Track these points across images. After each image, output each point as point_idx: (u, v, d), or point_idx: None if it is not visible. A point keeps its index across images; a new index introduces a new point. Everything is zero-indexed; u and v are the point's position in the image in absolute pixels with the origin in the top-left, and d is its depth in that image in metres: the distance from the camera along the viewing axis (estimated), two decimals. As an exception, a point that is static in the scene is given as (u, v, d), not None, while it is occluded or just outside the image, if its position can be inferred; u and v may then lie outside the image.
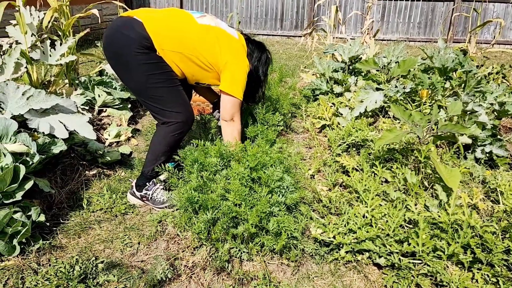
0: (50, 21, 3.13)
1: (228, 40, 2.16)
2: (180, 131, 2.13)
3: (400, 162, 2.32)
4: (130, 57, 1.97)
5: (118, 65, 2.07)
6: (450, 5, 9.06)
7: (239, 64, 2.16)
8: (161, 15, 2.09)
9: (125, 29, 1.98)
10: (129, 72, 2.03)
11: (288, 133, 3.29)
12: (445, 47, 3.48)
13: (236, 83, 2.14)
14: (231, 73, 2.13)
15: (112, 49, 2.03)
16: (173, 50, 2.03)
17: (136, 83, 2.06)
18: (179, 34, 2.05)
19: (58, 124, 2.24)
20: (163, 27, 2.02)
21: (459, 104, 2.55)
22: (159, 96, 2.05)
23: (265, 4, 9.69)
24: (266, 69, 2.47)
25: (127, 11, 2.12)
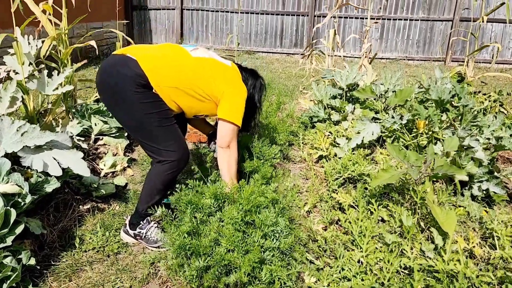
0: (48, 49, 3.13)
1: (223, 69, 2.19)
2: (175, 169, 2.12)
3: (396, 201, 2.31)
4: (126, 95, 1.96)
5: (112, 103, 2.06)
6: (449, 24, 9.12)
7: (237, 91, 2.17)
8: (155, 52, 2.09)
9: (120, 67, 1.98)
10: (124, 111, 2.02)
11: (285, 163, 3.28)
12: (442, 77, 3.48)
13: (234, 109, 2.14)
14: (229, 100, 2.14)
15: (106, 87, 2.02)
16: (169, 86, 2.02)
17: (131, 122, 2.05)
18: (174, 69, 2.05)
19: (52, 161, 2.22)
20: (157, 64, 2.02)
21: (455, 139, 2.55)
22: (154, 135, 2.04)
23: (265, 22, 9.76)
24: (261, 96, 2.48)
25: (120, 49, 2.12)
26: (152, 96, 2.00)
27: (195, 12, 9.94)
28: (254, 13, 9.72)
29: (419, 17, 9.19)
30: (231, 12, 9.75)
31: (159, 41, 10.29)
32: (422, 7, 9.14)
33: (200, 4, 9.81)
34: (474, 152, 2.59)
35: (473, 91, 4.47)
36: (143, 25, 10.26)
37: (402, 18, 9.24)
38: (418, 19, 9.21)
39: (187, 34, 10.14)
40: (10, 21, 2.96)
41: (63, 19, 3.25)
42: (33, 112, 2.88)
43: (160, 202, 2.18)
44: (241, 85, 2.22)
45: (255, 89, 2.40)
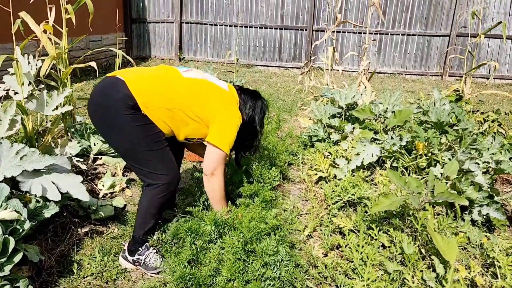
0: (48, 69, 3.13)
1: (217, 92, 2.14)
2: (165, 192, 2.08)
3: (396, 227, 2.30)
4: (115, 118, 1.94)
5: (102, 126, 2.03)
6: (446, 40, 9.20)
7: (228, 116, 2.11)
8: (145, 73, 2.07)
9: (109, 89, 1.96)
10: (114, 134, 2.00)
11: (285, 184, 3.27)
12: (440, 98, 3.50)
13: (224, 135, 2.07)
14: (220, 124, 2.08)
15: (96, 110, 2.00)
16: (158, 106, 1.98)
17: (122, 146, 2.03)
18: (164, 90, 2.01)
19: (51, 185, 2.21)
20: (146, 84, 1.99)
21: (455, 164, 2.55)
22: (145, 158, 2.02)
23: (264, 35, 9.82)
24: (262, 118, 2.40)
25: (113, 72, 2.11)
26: (141, 118, 1.96)
27: (194, 26, 10.00)
28: (253, 27, 9.79)
29: (417, 32, 9.27)
30: (230, 25, 9.81)
31: (158, 53, 10.33)
32: (420, 22, 9.23)
33: (199, 18, 9.87)
34: (474, 176, 2.59)
35: (471, 110, 4.49)
36: (142, 38, 10.30)
37: (399, 33, 9.33)
38: (415, 34, 9.29)
39: (185, 47, 10.19)
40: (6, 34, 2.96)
41: (64, 38, 3.26)
42: (32, 132, 2.87)
43: (156, 226, 2.16)
44: (235, 110, 2.16)
45: (255, 111, 2.32)
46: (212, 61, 9.88)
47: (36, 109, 2.88)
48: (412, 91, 7.86)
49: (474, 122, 4.06)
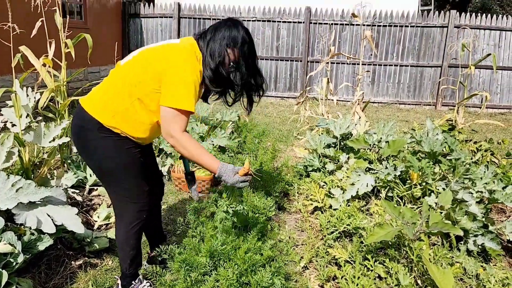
0: (46, 101, 3.18)
1: (157, 53, 1.88)
2: (138, 221, 2.04)
3: (392, 257, 2.29)
4: (86, 144, 1.91)
5: (83, 156, 2.01)
6: (438, 70, 9.40)
7: (177, 69, 1.80)
8: (98, 86, 1.97)
9: (75, 118, 1.94)
10: (88, 159, 1.97)
11: (280, 214, 3.27)
12: (433, 128, 3.56)
13: (169, 92, 1.78)
14: (165, 85, 1.80)
15: (73, 138, 1.98)
16: (119, 111, 1.85)
17: (94, 168, 1.99)
18: (112, 91, 1.88)
19: (46, 217, 2.21)
20: (97, 97, 1.90)
21: (449, 194, 2.57)
22: (114, 183, 1.97)
23: (260, 66, 9.98)
24: (245, 53, 1.95)
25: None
26: (108, 137, 1.87)
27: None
28: (249, 59, 9.97)
29: (409, 63, 9.47)
30: (227, 57, 10.00)
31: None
32: (412, 54, 9.45)
33: (196, 50, 10.08)
34: (468, 206, 2.61)
35: (464, 139, 4.55)
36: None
37: (392, 64, 9.53)
38: (408, 65, 9.49)
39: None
40: (6, 67, 3.01)
41: (63, 71, 3.33)
42: (29, 164, 2.88)
43: (138, 256, 2.13)
44: (184, 60, 1.82)
45: (220, 46, 1.90)
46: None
47: (33, 141, 2.90)
48: (406, 120, 7.96)
49: (467, 152, 4.11)
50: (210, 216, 2.82)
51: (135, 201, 2.00)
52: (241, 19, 9.67)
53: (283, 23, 9.71)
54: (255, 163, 3.54)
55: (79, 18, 8.25)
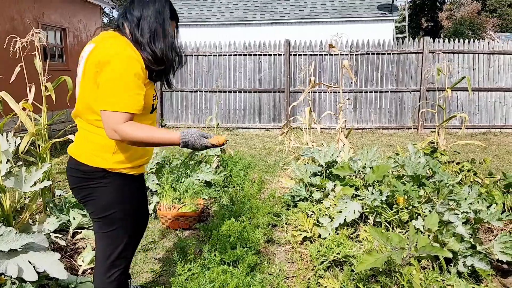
0: (27, 146, 3.15)
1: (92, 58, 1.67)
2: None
3: (383, 284, 2.27)
4: (92, 196, 1.77)
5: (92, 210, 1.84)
6: (417, 94, 9.63)
7: (111, 66, 1.59)
8: (80, 135, 1.82)
9: (72, 173, 1.81)
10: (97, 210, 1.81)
11: (270, 246, 3.22)
12: (415, 151, 3.61)
13: (106, 95, 1.58)
14: (102, 86, 1.60)
15: (76, 195, 1.86)
16: (112, 146, 1.71)
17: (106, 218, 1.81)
18: (92, 133, 1.73)
19: (27, 265, 2.14)
20: (85, 144, 1.76)
21: (435, 216, 2.58)
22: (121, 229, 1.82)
23: (243, 99, 10.12)
24: (155, 22, 1.73)
25: None
26: (114, 184, 1.75)
27: (174, 93, 10.27)
28: (232, 92, 10.10)
29: (389, 89, 9.70)
30: (210, 91, 10.11)
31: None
32: (391, 80, 9.69)
33: (179, 86, 10.17)
34: (454, 227, 2.62)
35: (447, 161, 4.62)
36: (123, 108, 10.46)
37: (373, 90, 9.75)
38: (388, 90, 9.72)
39: (167, 114, 10.37)
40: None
41: (43, 114, 3.31)
42: (9, 210, 2.82)
43: None
44: (109, 53, 1.61)
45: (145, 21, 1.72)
46: (193, 126, 10.04)
47: (14, 186, 2.85)
48: (390, 144, 8.07)
49: (450, 173, 4.17)
50: (198, 254, 2.77)
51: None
52: (223, 54, 9.88)
53: (263, 56, 9.92)
54: (242, 196, 3.52)
55: (60, 61, 8.30)
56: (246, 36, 11.56)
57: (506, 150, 7.45)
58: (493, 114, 9.62)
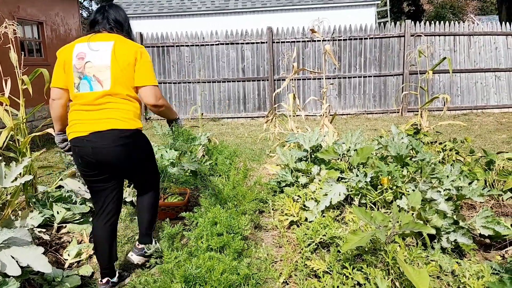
0: (6, 141, 3.08)
1: (122, 49, 2.31)
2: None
3: (369, 263, 2.30)
4: (140, 152, 2.46)
5: (138, 164, 2.47)
6: (400, 78, 9.70)
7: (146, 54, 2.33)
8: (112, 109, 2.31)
9: (117, 142, 2.27)
10: (147, 162, 2.55)
11: (257, 232, 3.24)
12: (398, 132, 3.64)
13: (149, 74, 2.31)
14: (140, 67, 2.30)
15: (125, 159, 2.40)
16: (137, 114, 2.34)
17: (150, 166, 2.61)
18: (123, 104, 2.29)
19: (10, 260, 2.10)
20: (121, 114, 2.30)
21: (418, 194, 2.62)
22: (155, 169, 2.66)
23: (227, 89, 10.07)
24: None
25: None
26: (140, 138, 2.40)
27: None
28: (216, 82, 10.04)
29: (372, 74, 9.75)
30: (193, 82, 10.03)
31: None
32: (374, 64, 9.73)
33: (162, 77, 10.06)
34: (437, 204, 2.66)
35: (430, 141, 4.67)
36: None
37: (356, 75, 9.78)
38: (371, 75, 9.76)
39: (151, 107, 10.26)
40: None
41: (21, 108, 3.24)
42: (-10, 207, 2.77)
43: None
44: (139, 46, 2.35)
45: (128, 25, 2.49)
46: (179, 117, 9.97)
47: (-7, 182, 2.79)
48: (375, 128, 8.13)
49: (433, 153, 4.22)
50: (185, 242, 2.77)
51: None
52: (205, 44, 9.79)
53: (246, 45, 9.85)
54: (228, 184, 3.52)
55: (38, 55, 8.13)
56: (229, 25, 11.47)
57: (488, 130, 7.57)
58: (475, 95, 9.76)
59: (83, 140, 2.19)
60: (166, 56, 10.00)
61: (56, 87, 2.29)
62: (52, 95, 2.32)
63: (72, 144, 2.27)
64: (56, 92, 2.30)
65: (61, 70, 2.26)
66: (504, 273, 2.20)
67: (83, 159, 2.24)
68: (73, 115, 2.26)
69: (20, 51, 7.10)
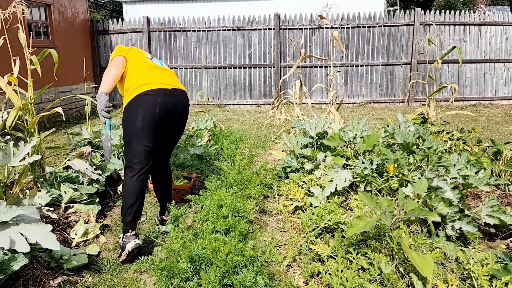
0: (14, 120, 3.10)
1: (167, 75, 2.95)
2: None
3: (373, 248, 2.31)
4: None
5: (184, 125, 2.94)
6: (408, 67, 9.62)
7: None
8: (171, 75, 2.92)
9: (185, 101, 2.86)
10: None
11: (262, 217, 3.26)
12: (405, 121, 3.63)
13: None
14: None
15: (184, 116, 2.88)
16: None
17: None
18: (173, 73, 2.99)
19: (19, 237, 2.13)
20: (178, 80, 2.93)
21: (424, 182, 2.62)
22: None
23: (233, 75, 10.03)
24: None
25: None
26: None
27: (164, 70, 10.12)
28: (222, 68, 10.00)
29: (380, 62, 9.67)
30: (200, 68, 10.00)
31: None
32: (381, 53, 9.65)
33: (168, 62, 10.03)
34: (443, 192, 2.66)
35: (436, 131, 4.65)
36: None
37: (364, 64, 9.71)
38: (379, 64, 9.68)
39: (157, 92, 10.26)
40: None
41: (29, 88, 3.25)
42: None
43: None
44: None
45: None
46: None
47: (2, 161, 2.82)
48: (381, 118, 8.10)
49: (440, 142, 4.20)
50: (191, 224, 2.79)
51: None
52: (212, 29, 9.73)
53: (253, 31, 9.78)
54: (233, 168, 3.53)
55: (46, 38, 8.12)
56: (236, 11, 11.38)
57: (495, 121, 7.52)
58: (483, 86, 9.66)
59: (167, 92, 2.62)
60: (172, 41, 9.96)
61: (122, 55, 2.79)
62: (119, 59, 2.75)
63: (154, 93, 2.58)
64: (121, 58, 2.77)
65: (125, 49, 2.86)
66: (509, 261, 2.21)
67: (163, 109, 2.58)
68: (151, 72, 2.72)
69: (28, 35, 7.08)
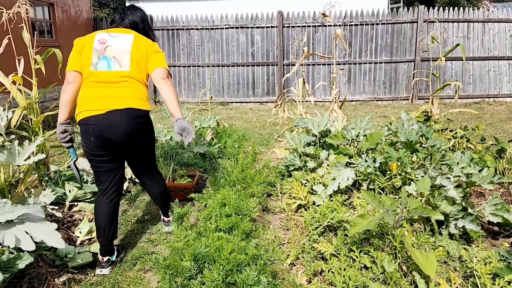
0: (19, 119, 3.12)
1: (140, 43, 2.54)
2: None
3: (376, 246, 2.32)
4: (150, 131, 2.61)
5: (148, 143, 2.65)
6: (411, 65, 9.59)
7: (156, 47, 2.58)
8: (128, 90, 2.46)
9: (131, 121, 2.41)
10: (151, 140, 2.66)
11: (265, 215, 3.27)
12: (408, 119, 3.62)
13: (162, 60, 2.55)
14: (154, 55, 2.53)
15: (138, 137, 2.53)
16: (147, 97, 2.52)
17: (151, 147, 2.71)
18: (138, 87, 2.49)
19: (25, 235, 2.16)
20: (136, 95, 2.45)
21: (427, 180, 2.61)
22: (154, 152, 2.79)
23: (236, 73, 10.03)
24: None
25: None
26: (148, 119, 2.54)
27: (167, 69, 10.14)
28: (225, 66, 10.01)
29: (383, 60, 9.64)
30: (203, 66, 10.01)
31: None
32: (385, 51, 9.62)
33: (172, 61, 10.04)
34: (446, 190, 2.66)
35: (440, 129, 4.64)
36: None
37: (367, 61, 9.68)
38: (382, 62, 9.65)
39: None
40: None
41: (34, 88, 3.27)
42: (4, 184, 2.82)
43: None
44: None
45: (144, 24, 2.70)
46: (187, 101, 9.98)
47: (7, 160, 2.84)
48: (385, 116, 8.08)
49: (443, 140, 4.19)
50: (194, 223, 2.80)
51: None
52: (215, 27, 9.73)
53: (256, 29, 9.78)
54: (236, 167, 3.54)
55: (49, 36, 8.15)
56: (239, 9, 11.36)
57: (499, 119, 7.49)
58: (487, 84, 9.62)
59: (99, 118, 2.28)
60: (176, 39, 9.97)
61: (72, 70, 2.38)
62: (67, 79, 2.39)
63: (85, 122, 2.31)
64: (71, 75, 2.38)
65: (77, 54, 2.39)
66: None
67: (97, 137, 2.31)
68: (88, 91, 2.34)
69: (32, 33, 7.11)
